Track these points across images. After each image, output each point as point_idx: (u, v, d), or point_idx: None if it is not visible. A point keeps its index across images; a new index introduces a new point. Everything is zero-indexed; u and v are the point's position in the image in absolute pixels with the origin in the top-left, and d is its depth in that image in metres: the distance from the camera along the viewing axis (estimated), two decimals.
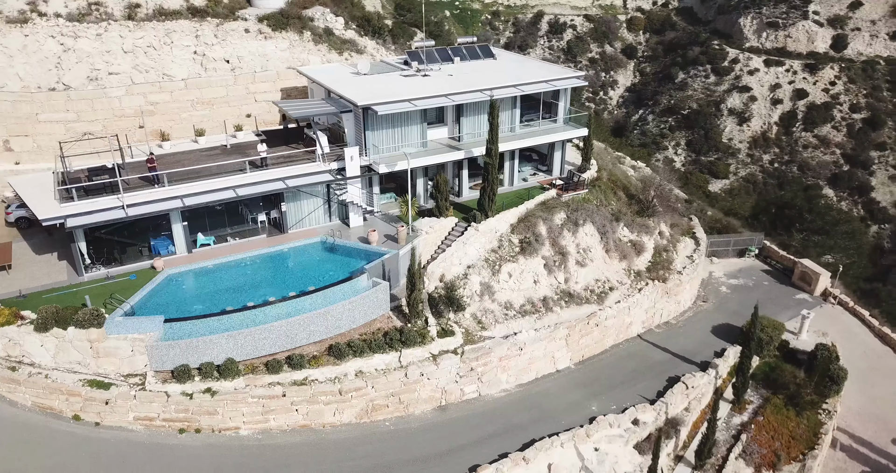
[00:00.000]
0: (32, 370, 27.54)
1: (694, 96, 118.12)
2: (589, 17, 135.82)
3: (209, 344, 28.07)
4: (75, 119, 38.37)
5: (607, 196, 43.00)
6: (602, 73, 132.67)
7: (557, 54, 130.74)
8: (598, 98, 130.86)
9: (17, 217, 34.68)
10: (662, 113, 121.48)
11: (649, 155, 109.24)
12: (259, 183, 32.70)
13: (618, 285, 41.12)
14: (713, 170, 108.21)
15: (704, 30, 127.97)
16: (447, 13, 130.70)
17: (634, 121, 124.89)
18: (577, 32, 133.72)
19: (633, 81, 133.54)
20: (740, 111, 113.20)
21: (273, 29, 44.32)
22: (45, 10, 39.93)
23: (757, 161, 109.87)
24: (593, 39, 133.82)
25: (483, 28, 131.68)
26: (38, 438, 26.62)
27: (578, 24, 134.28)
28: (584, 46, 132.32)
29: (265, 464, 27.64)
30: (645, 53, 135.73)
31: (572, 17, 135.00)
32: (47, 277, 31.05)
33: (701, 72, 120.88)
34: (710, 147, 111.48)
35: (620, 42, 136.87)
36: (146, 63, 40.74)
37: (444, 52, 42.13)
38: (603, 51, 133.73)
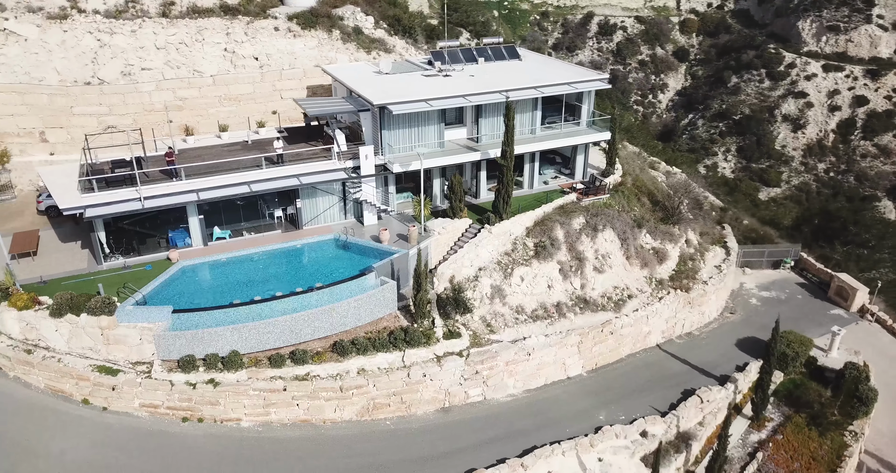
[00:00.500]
0: (46, 353, 28.61)
1: (747, 101, 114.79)
2: (640, 19, 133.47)
3: (214, 336, 28.64)
4: (107, 112, 39.70)
5: (630, 202, 42.11)
6: (652, 75, 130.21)
7: (606, 56, 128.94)
8: (647, 101, 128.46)
9: (47, 206, 36.06)
10: (713, 118, 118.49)
11: (697, 161, 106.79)
12: (273, 179, 33.19)
13: (637, 293, 40.25)
14: (764, 178, 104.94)
15: (760, 33, 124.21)
16: (495, 13, 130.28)
17: (684, 125, 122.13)
18: (627, 34, 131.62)
19: (684, 84, 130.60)
20: (795, 118, 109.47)
21: (302, 27, 44.93)
22: (84, 6, 41.42)
23: (811, 170, 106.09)
24: (644, 41, 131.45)
25: (531, 28, 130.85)
26: (48, 420, 27.63)
27: (629, 26, 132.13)
28: (633, 48, 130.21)
29: (264, 456, 28.01)
30: (697, 56, 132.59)
31: (623, 19, 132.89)
32: (69, 264, 32.19)
33: (755, 76, 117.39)
34: (762, 154, 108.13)
35: (672, 44, 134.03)
36: (178, 59, 41.84)
37: (468, 53, 41.95)
38: (653, 53, 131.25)
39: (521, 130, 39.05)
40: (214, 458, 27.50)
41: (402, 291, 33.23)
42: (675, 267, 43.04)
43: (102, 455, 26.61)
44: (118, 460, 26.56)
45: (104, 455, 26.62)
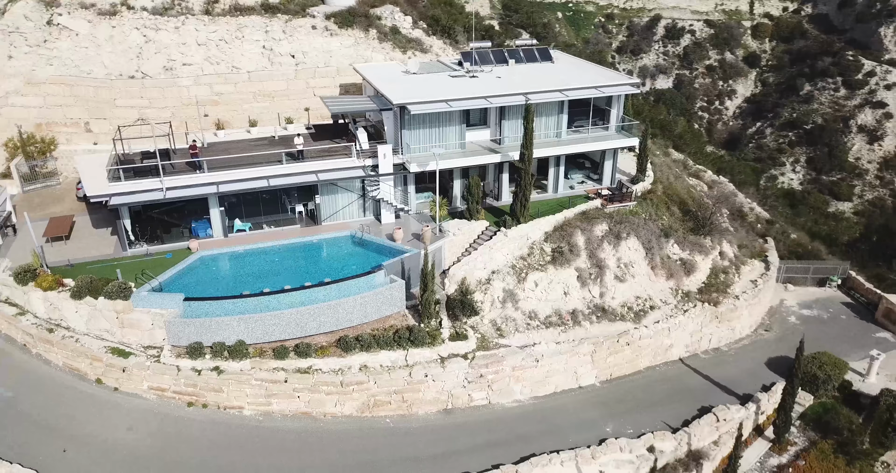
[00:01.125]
0: (66, 333, 30.10)
1: (820, 110, 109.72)
2: (710, 23, 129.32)
3: (222, 325, 29.48)
4: (148, 105, 41.41)
5: (659, 210, 40.94)
6: (720, 81, 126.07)
7: (672, 60, 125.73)
8: (713, 108, 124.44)
9: (85, 193, 37.84)
10: (782, 127, 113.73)
11: (763, 171, 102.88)
12: (292, 175, 33.89)
13: (661, 304, 39.13)
14: (835, 191, 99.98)
15: (839, 39, 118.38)
16: (559, 15, 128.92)
17: (751, 134, 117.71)
18: (695, 38, 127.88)
19: (753, 91, 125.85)
20: (872, 129, 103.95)
21: (339, 26, 45.63)
22: (133, 3, 43.27)
23: (887, 184, 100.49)
24: (713, 46, 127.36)
25: (595, 31, 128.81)
26: (63, 397, 29.07)
27: (697, 30, 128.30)
28: (701, 53, 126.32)
29: (262, 446, 28.63)
30: (769, 62, 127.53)
31: (691, 22, 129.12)
32: (97, 249, 33.75)
33: (830, 84, 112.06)
34: (834, 166, 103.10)
35: (743, 49, 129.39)
36: (217, 55, 43.22)
37: (499, 54, 41.70)
38: (722, 58, 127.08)
39: (546, 134, 38.58)
40: (214, 444, 28.28)
41: (412, 290, 33.33)
42: (705, 280, 41.62)
43: (110, 433, 27.78)
44: (124, 439, 27.67)
45: (111, 434, 27.78)
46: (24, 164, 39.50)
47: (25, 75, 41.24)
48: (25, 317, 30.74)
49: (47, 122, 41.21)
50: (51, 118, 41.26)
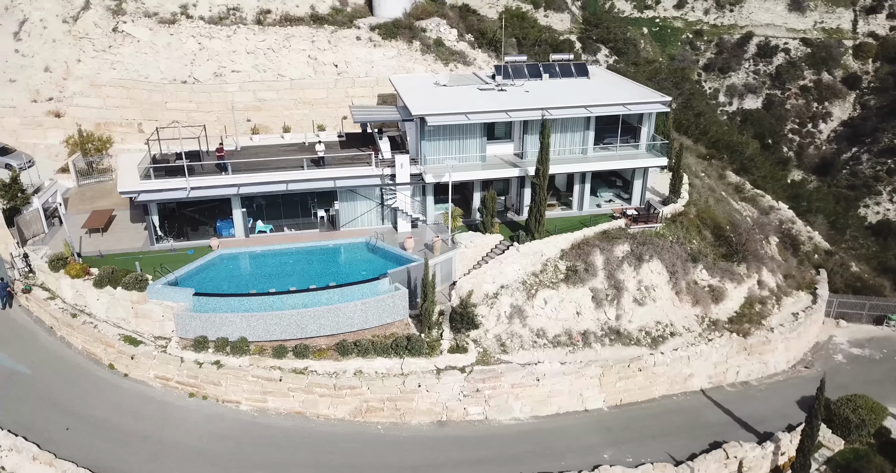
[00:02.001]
0: (87, 319, 32.20)
1: None
2: (807, 41, 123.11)
3: (225, 321, 30.73)
4: (195, 109, 43.73)
5: (689, 234, 39.44)
6: (814, 103, 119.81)
7: (763, 79, 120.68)
8: (805, 131, 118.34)
9: None
10: (881, 153, 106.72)
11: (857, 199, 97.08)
12: (310, 180, 34.93)
13: (683, 331, 37.65)
14: None
15: None
16: (644, 30, 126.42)
17: (845, 159, 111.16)
18: (789, 57, 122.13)
19: (851, 114, 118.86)
20: None
21: (383, 37, 46.68)
22: (192, 13, 45.88)
23: None
24: (809, 65, 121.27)
25: (682, 47, 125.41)
26: (77, 379, 31.10)
27: (792, 48, 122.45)
28: (795, 72, 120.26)
29: (254, 440, 29.58)
30: (871, 84, 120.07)
31: (786, 40, 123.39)
32: (128, 243, 35.91)
33: None
34: None
35: (842, 70, 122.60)
36: (265, 63, 45.15)
37: (534, 68, 41.47)
38: (819, 79, 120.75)
39: (572, 150, 38.02)
40: (209, 433, 29.48)
41: (418, 300, 33.54)
42: (738, 309, 39.70)
43: (114, 416, 29.47)
44: (126, 422, 29.29)
45: (115, 417, 29.47)
46: (82, 160, 42.54)
47: (90, 78, 44.50)
48: (55, 301, 33.11)
49: (105, 122, 44.26)
50: (109, 118, 44.29)
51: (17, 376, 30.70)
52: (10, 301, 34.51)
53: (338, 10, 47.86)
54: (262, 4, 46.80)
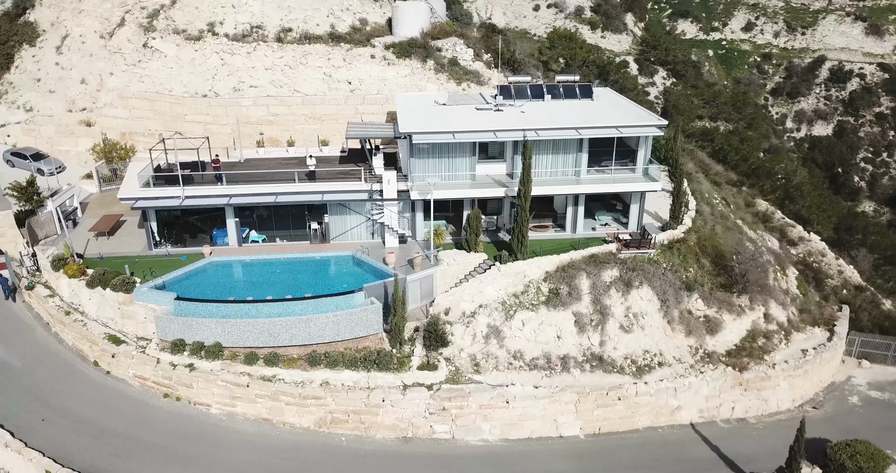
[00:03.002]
0: (79, 317, 34.00)
1: None
2: (884, 66, 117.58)
3: (201, 326, 31.85)
4: (212, 122, 45.67)
5: (686, 262, 38.32)
6: (890, 131, 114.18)
7: (835, 105, 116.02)
8: (879, 160, 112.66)
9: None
10: None
11: None
12: (299, 193, 35.89)
13: (673, 361, 36.52)
14: None
15: None
16: (710, 53, 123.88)
17: None
18: (864, 82, 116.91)
19: None
20: None
21: (397, 56, 47.62)
22: (218, 30, 48.11)
23: None
24: (886, 92, 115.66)
25: (748, 70, 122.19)
26: (62, 374, 32.80)
27: (868, 73, 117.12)
28: (871, 99, 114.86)
29: (219, 443, 30.39)
30: None
31: (861, 65, 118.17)
32: (129, 247, 37.74)
33: None
34: None
35: None
36: (281, 79, 46.79)
37: (537, 89, 41.43)
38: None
39: (565, 171, 37.72)
40: (176, 433, 30.48)
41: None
42: (738, 342, 38.23)
43: (89, 411, 30.90)
44: (99, 417, 30.67)
45: (91, 411, 30.89)
46: (105, 167, 45.05)
47: (119, 90, 47.21)
48: (54, 299, 35.11)
49: (130, 131, 46.79)
50: (133, 129, 46.80)
51: (7, 367, 32.67)
52: (13, 295, 36.77)
53: (356, 30, 49.19)
54: (284, 23, 48.64)
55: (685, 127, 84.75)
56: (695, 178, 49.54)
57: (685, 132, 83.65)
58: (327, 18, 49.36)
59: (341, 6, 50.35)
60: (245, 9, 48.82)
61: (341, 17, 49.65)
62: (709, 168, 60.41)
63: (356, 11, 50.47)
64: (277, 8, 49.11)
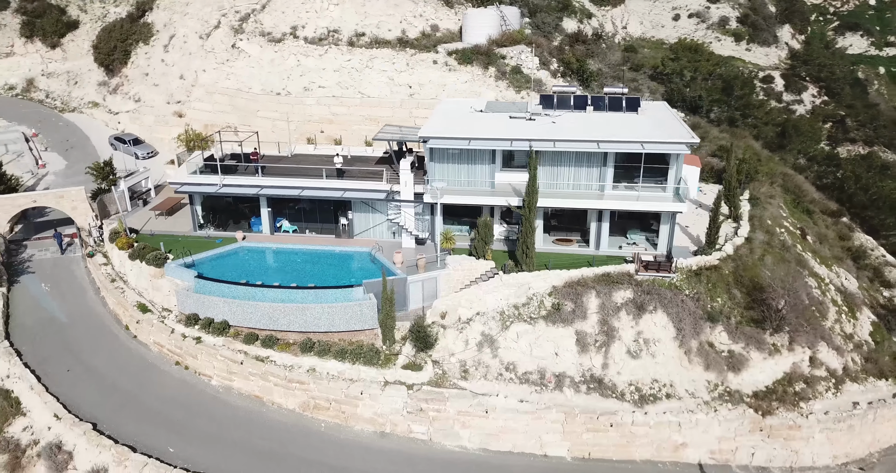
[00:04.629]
0: (121, 284, 38.08)
1: None
2: None
3: (212, 303, 34.56)
4: (279, 118, 48.97)
5: (714, 291, 35.67)
6: None
7: None
8: None
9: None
10: None
11: None
12: (322, 189, 37.76)
13: (685, 395, 34.24)
14: None
15: None
16: (880, 70, 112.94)
17: None
18: None
19: None
20: None
21: (459, 62, 48.31)
22: (299, 33, 51.46)
23: None
24: None
25: None
26: (98, 332, 36.97)
27: None
28: None
29: (209, 413, 32.69)
30: None
31: None
32: (181, 227, 41.55)
33: None
34: None
35: None
36: (347, 81, 49.17)
37: (581, 100, 40.43)
38: None
39: (588, 186, 36.59)
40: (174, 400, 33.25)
41: (399, 313, 34.62)
42: (770, 384, 35.10)
43: (109, 368, 34.66)
44: (116, 376, 34.29)
45: (110, 368, 34.64)
46: (186, 154, 49.73)
47: (208, 86, 51.94)
48: (107, 267, 39.56)
49: (211, 123, 51.27)
50: (214, 121, 51.24)
51: (56, 321, 37.30)
52: (64, 250, 41.71)
53: (426, 36, 50.52)
54: (358, 28, 51.06)
55: (806, 150, 77.87)
56: (765, 203, 45.77)
57: (806, 156, 76.86)
58: (400, 24, 51.14)
59: (415, 12, 51.94)
60: (326, 14, 51.83)
61: (413, 23, 51.22)
62: (804, 194, 55.51)
63: (429, 18, 51.83)
64: (355, 13, 51.63)
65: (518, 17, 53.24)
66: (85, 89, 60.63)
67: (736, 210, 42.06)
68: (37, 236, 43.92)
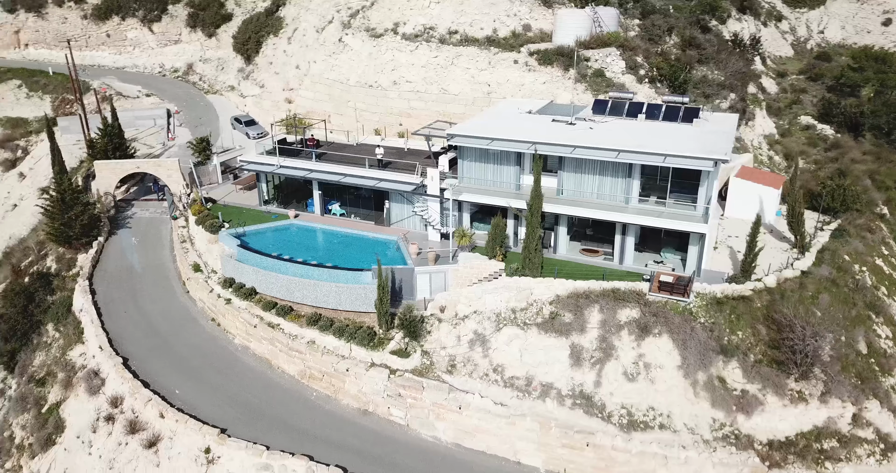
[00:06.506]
0: (189, 246, 43.38)
1: None
2: None
3: (245, 270, 38.38)
4: (365, 109, 51.99)
5: (736, 323, 32.59)
6: None
7: None
8: None
9: None
10: None
11: None
12: (359, 177, 40.03)
13: (682, 428, 31.98)
14: None
15: None
16: None
17: None
18: None
19: None
20: None
21: (539, 63, 47.87)
22: (399, 30, 54.05)
23: None
24: None
25: None
26: (161, 283, 42.75)
27: None
28: None
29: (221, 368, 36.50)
30: None
31: None
32: (250, 200, 46.09)
33: None
34: None
35: None
36: (432, 77, 50.87)
37: (635, 107, 38.62)
38: None
39: (613, 197, 35.09)
40: (198, 350, 37.58)
41: (405, 301, 36.00)
42: (792, 435, 31.70)
43: (158, 315, 40.07)
44: (159, 322, 39.59)
45: (157, 317, 40.02)
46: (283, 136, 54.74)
47: (315, 77, 56.42)
48: (183, 229, 45.15)
49: (311, 111, 55.72)
50: (313, 109, 55.64)
51: (131, 270, 43.53)
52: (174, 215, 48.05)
53: (516, 35, 50.62)
54: (453, 26, 52.46)
55: None
56: (856, 235, 40.38)
57: None
58: (493, 23, 51.72)
59: (510, 12, 52.19)
60: (427, 11, 53.88)
61: (505, 23, 51.53)
62: None
63: (522, 17, 51.82)
64: (453, 11, 53.09)
65: (615, 18, 51.32)
66: (228, 75, 68.52)
67: (802, 240, 37.68)
68: (144, 197, 51.09)
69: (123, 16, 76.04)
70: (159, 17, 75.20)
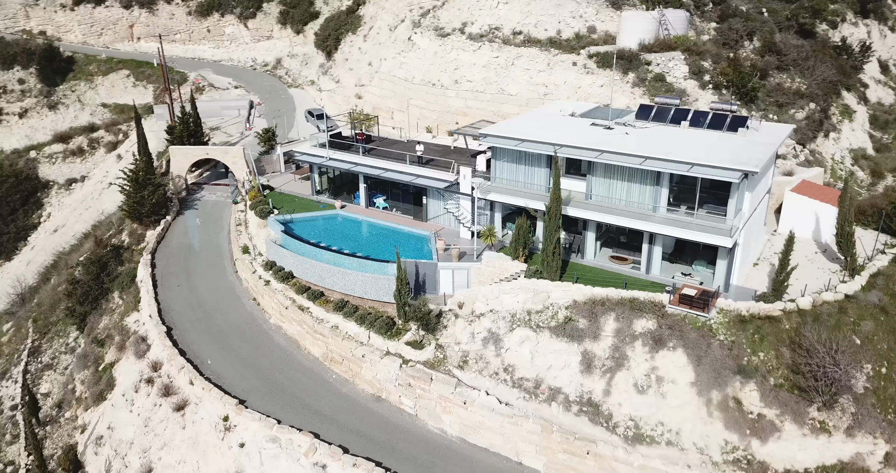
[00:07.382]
0: (242, 229, 46.19)
1: None
2: None
3: (284, 255, 40.54)
4: (424, 107, 53.09)
5: (759, 344, 31.05)
6: None
7: None
8: None
9: None
10: None
11: None
12: (398, 172, 41.15)
13: (691, 447, 31.05)
14: None
15: None
16: None
17: None
18: None
19: None
20: None
21: (598, 65, 47.13)
22: (467, 30, 54.77)
23: None
24: None
25: None
26: (214, 261, 45.80)
27: None
28: None
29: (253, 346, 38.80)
30: None
31: None
32: (305, 190, 48.32)
33: None
34: None
35: None
36: (492, 77, 51.25)
37: (681, 114, 37.41)
38: None
39: (640, 204, 34.29)
40: (234, 328, 40.11)
41: (427, 294, 36.91)
42: (812, 467, 30.11)
43: (206, 291, 43.06)
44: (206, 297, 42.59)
45: (205, 292, 43.05)
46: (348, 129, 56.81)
47: (383, 74, 58.16)
48: (241, 213, 48.11)
49: (377, 106, 57.49)
50: (378, 105, 57.40)
51: (190, 248, 46.88)
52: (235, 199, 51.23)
53: (579, 37, 50.03)
54: (518, 26, 52.55)
55: None
56: None
57: None
58: (557, 24, 51.37)
59: (575, 13, 51.65)
60: (494, 12, 54.28)
61: (570, 24, 51.06)
62: None
63: (588, 19, 51.14)
64: (519, 12, 53.18)
65: (684, 21, 49.55)
66: (310, 69, 71.75)
67: (853, 261, 35.23)
68: (214, 182, 54.64)
69: (223, 12, 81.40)
70: (254, 13, 79.87)
